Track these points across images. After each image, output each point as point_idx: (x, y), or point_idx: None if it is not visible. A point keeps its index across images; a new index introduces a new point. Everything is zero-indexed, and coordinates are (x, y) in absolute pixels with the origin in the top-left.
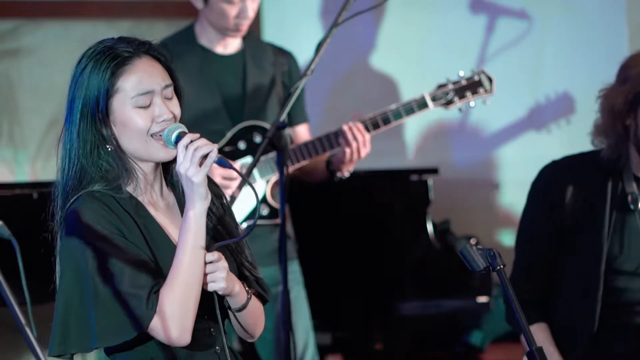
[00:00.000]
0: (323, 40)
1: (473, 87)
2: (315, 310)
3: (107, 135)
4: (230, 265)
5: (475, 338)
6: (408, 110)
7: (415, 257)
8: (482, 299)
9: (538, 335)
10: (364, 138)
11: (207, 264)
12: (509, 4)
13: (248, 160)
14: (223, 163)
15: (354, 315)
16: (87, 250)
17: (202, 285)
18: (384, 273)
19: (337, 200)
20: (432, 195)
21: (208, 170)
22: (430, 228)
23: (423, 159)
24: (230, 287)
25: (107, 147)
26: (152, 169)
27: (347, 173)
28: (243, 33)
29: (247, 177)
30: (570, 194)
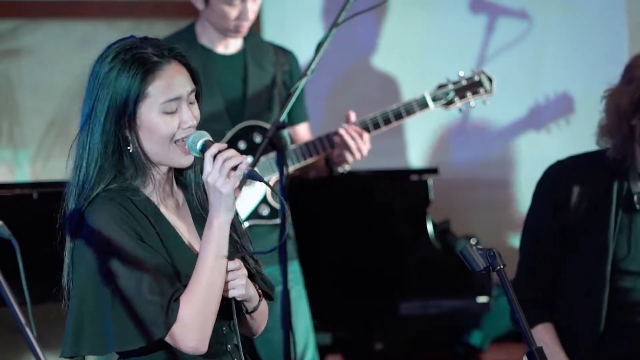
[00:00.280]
0: (323, 40)
1: (473, 87)
2: (315, 310)
3: (130, 138)
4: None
5: (475, 338)
6: (409, 110)
7: (415, 257)
8: (482, 299)
9: (544, 336)
10: (362, 137)
11: (228, 272)
12: (509, 4)
13: (248, 160)
14: (253, 176)
15: (354, 315)
16: (104, 254)
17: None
18: (384, 273)
19: (337, 200)
20: (432, 195)
21: (236, 182)
22: (430, 228)
23: (423, 159)
24: (247, 292)
25: (128, 149)
26: (166, 170)
27: (347, 167)
28: (243, 34)
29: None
30: (576, 194)
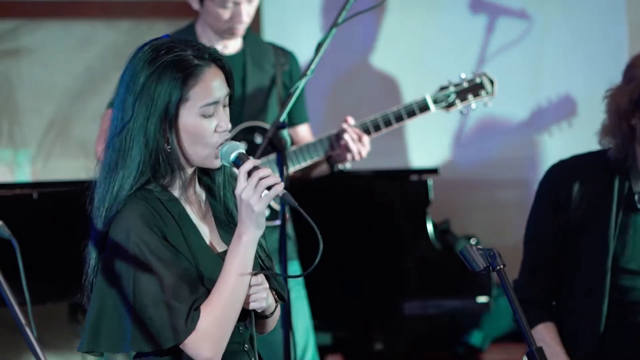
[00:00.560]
0: (323, 40)
1: (475, 89)
2: (315, 310)
3: (170, 140)
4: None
5: (475, 338)
6: (409, 113)
7: (415, 257)
8: (482, 299)
9: (544, 335)
10: (361, 140)
11: (251, 286)
12: (509, 4)
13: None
14: (287, 200)
15: (354, 315)
16: (129, 254)
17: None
18: (384, 273)
19: (337, 200)
20: (432, 195)
21: (269, 201)
22: (430, 228)
23: (423, 159)
24: (267, 302)
25: (167, 151)
26: (192, 171)
27: (347, 165)
28: (238, 36)
29: None
30: (577, 193)
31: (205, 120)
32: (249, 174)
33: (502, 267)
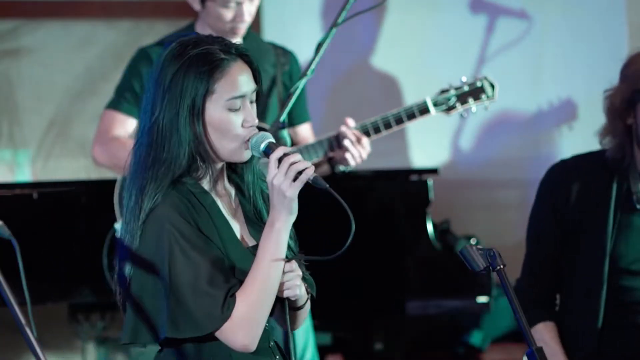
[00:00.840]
0: (323, 40)
1: (475, 93)
2: (315, 310)
3: (199, 134)
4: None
5: (475, 338)
6: (409, 115)
7: (415, 257)
8: (482, 299)
9: (544, 335)
10: (361, 142)
11: (284, 273)
12: (509, 4)
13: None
14: (318, 182)
15: (354, 315)
16: (166, 244)
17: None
18: (384, 273)
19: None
20: (432, 195)
21: (301, 187)
22: (430, 228)
23: (423, 159)
24: (300, 292)
25: (196, 145)
26: (221, 166)
27: (349, 167)
28: (240, 36)
29: None
30: (576, 193)
31: (232, 114)
32: (280, 161)
33: (502, 267)
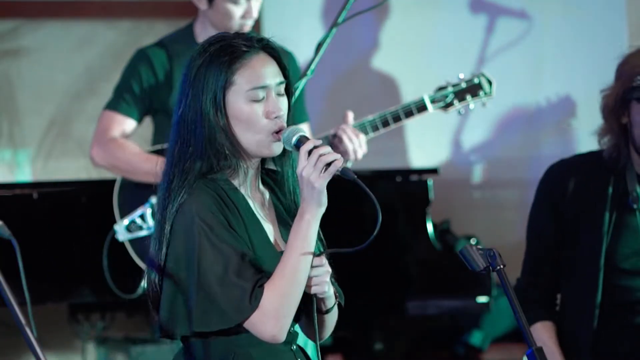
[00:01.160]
0: (323, 40)
1: (473, 90)
2: None
3: (223, 127)
4: None
5: (475, 338)
6: (407, 113)
7: (415, 257)
8: (482, 299)
9: (542, 334)
10: (360, 141)
11: (312, 267)
12: (509, 4)
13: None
14: (346, 174)
15: (354, 315)
16: (196, 237)
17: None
18: (384, 273)
19: (336, 200)
20: (432, 195)
21: (330, 178)
22: (430, 228)
23: (423, 159)
24: (328, 289)
25: (222, 139)
26: (256, 165)
27: (348, 164)
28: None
29: None
30: (574, 192)
31: (255, 105)
32: (309, 154)
33: (502, 267)
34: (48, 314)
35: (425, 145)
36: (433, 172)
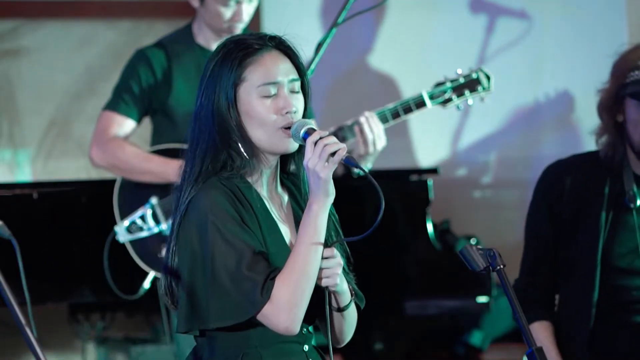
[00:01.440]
0: (323, 40)
1: (471, 85)
2: None
3: (236, 123)
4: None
5: (475, 338)
6: (406, 109)
7: (415, 257)
8: (482, 299)
9: (539, 334)
10: (380, 130)
11: (323, 259)
12: (509, 4)
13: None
14: (350, 162)
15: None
16: (209, 232)
17: (316, 279)
18: (384, 273)
19: (336, 200)
20: (432, 195)
21: (335, 167)
22: (430, 228)
23: (423, 159)
24: (341, 284)
25: (235, 135)
26: (273, 165)
27: (365, 168)
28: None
29: None
30: (571, 192)
31: (266, 101)
32: (315, 144)
33: (502, 267)
34: (48, 314)
35: (426, 145)
36: (433, 172)
